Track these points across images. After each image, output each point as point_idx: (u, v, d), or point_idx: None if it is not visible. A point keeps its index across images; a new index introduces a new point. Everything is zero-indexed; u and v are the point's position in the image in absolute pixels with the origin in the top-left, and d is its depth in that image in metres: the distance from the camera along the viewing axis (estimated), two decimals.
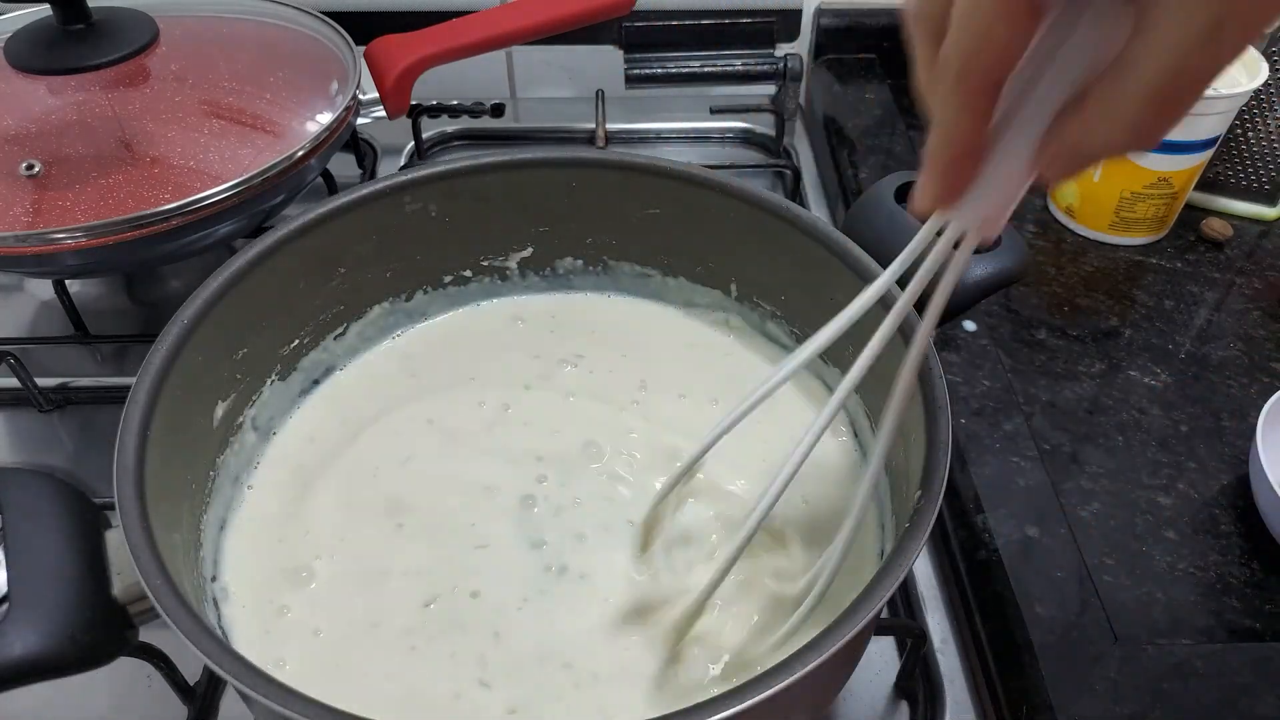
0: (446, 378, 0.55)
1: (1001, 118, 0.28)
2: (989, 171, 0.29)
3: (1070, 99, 0.27)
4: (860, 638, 0.34)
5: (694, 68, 0.91)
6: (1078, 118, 0.26)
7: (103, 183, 0.58)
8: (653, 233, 0.56)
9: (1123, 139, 0.25)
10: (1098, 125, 0.26)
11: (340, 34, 0.71)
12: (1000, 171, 0.29)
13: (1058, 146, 0.27)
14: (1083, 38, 0.26)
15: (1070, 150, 0.27)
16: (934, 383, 0.41)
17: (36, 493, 0.38)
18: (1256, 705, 0.45)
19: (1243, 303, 0.69)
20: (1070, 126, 0.27)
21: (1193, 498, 0.55)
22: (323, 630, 0.43)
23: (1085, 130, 0.26)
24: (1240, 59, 0.68)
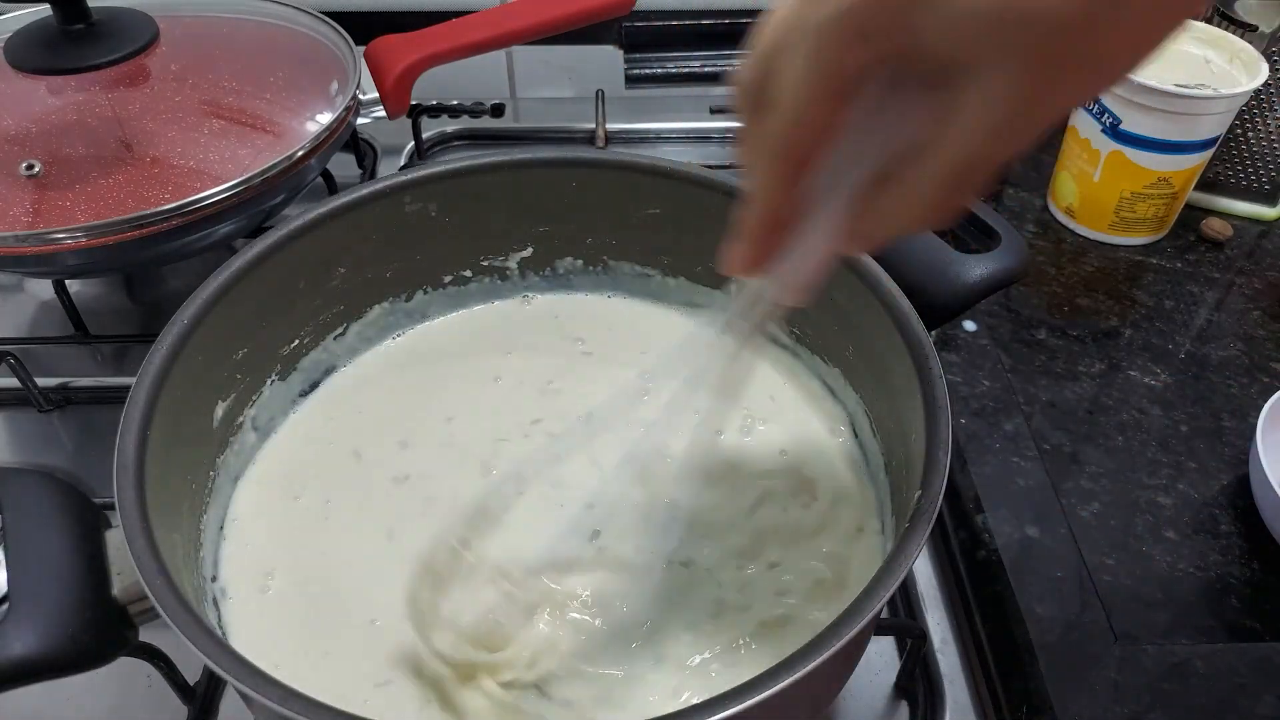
0: (446, 378, 0.55)
1: (811, 192, 0.30)
2: (796, 242, 0.31)
3: (874, 178, 0.29)
4: (860, 638, 0.34)
5: (694, 68, 0.91)
6: (881, 196, 0.29)
7: (103, 183, 0.58)
8: (653, 233, 0.56)
9: (920, 217, 0.28)
10: (898, 204, 0.28)
11: (340, 34, 0.71)
12: (806, 242, 0.31)
13: (860, 222, 0.30)
14: (888, 122, 0.28)
15: (872, 226, 0.30)
16: (934, 383, 0.41)
17: (36, 493, 0.38)
18: (1256, 705, 0.45)
19: (1243, 303, 0.69)
20: (873, 204, 0.29)
21: (1193, 498, 0.55)
22: (323, 630, 0.43)
23: (887, 208, 0.29)
24: (1240, 61, 0.68)
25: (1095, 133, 0.71)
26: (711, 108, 0.87)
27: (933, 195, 0.27)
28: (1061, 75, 0.25)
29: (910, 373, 0.42)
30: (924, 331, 0.42)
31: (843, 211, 0.30)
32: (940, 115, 0.26)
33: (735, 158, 0.31)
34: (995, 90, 0.25)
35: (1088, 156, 0.72)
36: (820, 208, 0.30)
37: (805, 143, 0.28)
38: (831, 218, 0.30)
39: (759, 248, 0.31)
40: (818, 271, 0.31)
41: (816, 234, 0.30)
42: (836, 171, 0.29)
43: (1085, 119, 0.71)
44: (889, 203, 0.28)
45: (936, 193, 0.27)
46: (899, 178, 0.28)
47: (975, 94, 0.25)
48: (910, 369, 0.42)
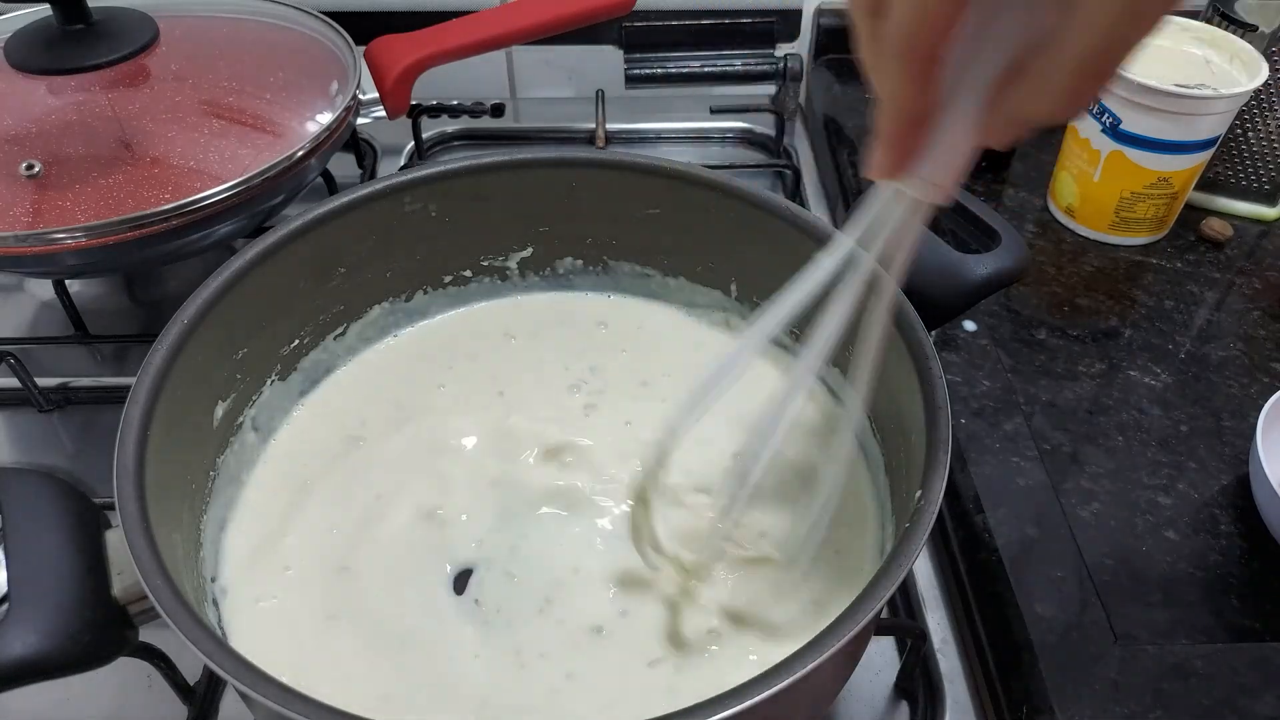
0: (447, 378, 0.55)
1: (945, 89, 0.29)
2: (936, 139, 0.31)
3: (1007, 70, 0.29)
4: (860, 638, 0.34)
5: (694, 68, 0.91)
6: (1016, 88, 0.28)
7: (103, 183, 0.58)
8: (653, 233, 0.56)
9: (1056, 107, 0.28)
10: (1033, 95, 0.28)
11: (340, 34, 0.71)
12: (946, 139, 0.31)
13: (998, 114, 0.30)
14: (1014, 12, 0.28)
15: (1010, 117, 0.29)
16: (934, 383, 0.41)
17: (36, 493, 0.38)
18: (1256, 705, 0.45)
19: (1243, 303, 0.69)
20: (1009, 96, 0.29)
21: (1193, 498, 0.55)
22: (324, 630, 0.43)
23: (1023, 99, 0.28)
24: (1240, 61, 0.68)
25: (1095, 133, 0.71)
26: (712, 108, 0.87)
27: (1066, 84, 0.27)
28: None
29: (910, 373, 0.42)
30: (924, 331, 0.42)
31: (978, 105, 0.30)
32: (1066, 5, 0.26)
33: (862, 63, 0.30)
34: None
35: (1088, 156, 0.72)
36: (955, 103, 0.30)
37: (931, 38, 0.28)
38: (968, 110, 0.30)
39: (899, 149, 0.31)
40: (961, 167, 0.31)
41: (955, 128, 0.30)
42: (966, 66, 0.29)
43: (1085, 119, 0.71)
44: (1023, 94, 0.28)
45: (1070, 81, 0.27)
46: (1030, 68, 0.28)
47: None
48: (910, 369, 0.42)
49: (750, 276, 0.55)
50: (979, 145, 0.31)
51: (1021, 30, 0.28)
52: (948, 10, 0.27)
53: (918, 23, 0.27)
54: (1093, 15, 0.25)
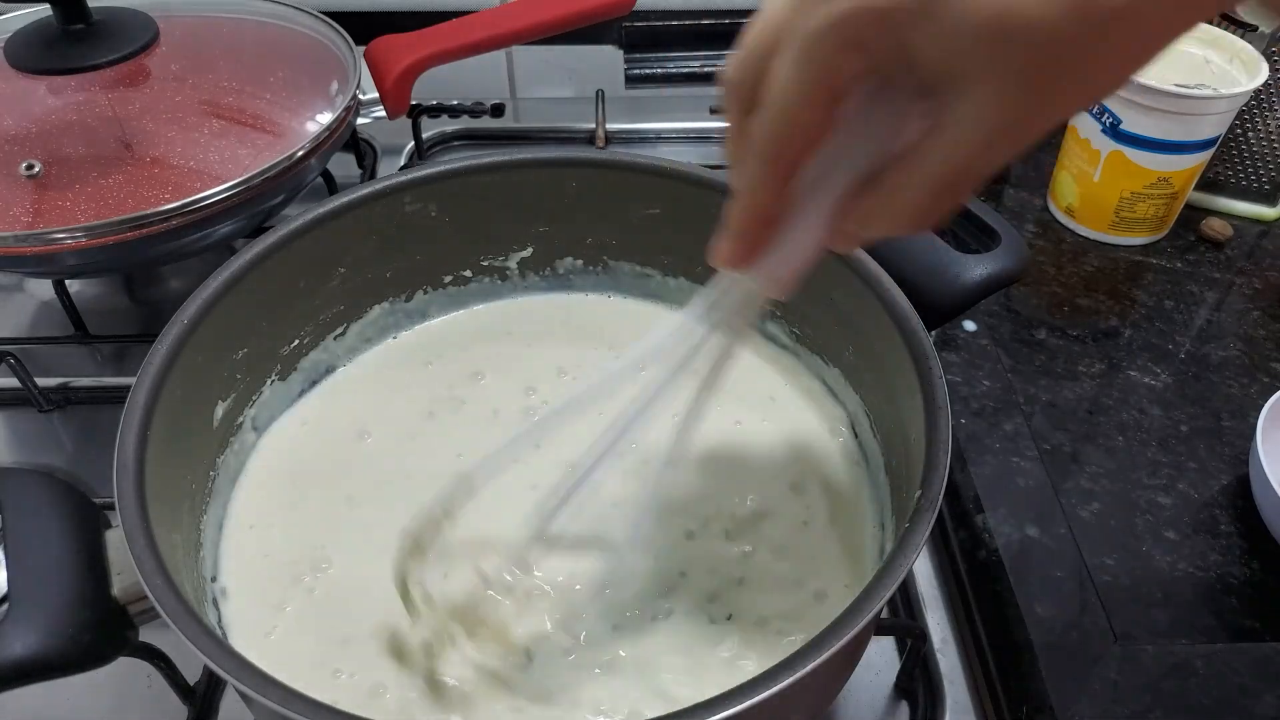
0: (446, 378, 0.55)
1: (801, 189, 0.30)
2: (783, 238, 0.31)
3: (862, 179, 0.29)
4: (860, 638, 0.34)
5: (694, 68, 0.91)
6: (868, 199, 0.29)
7: (103, 183, 0.58)
8: (653, 233, 0.56)
9: (905, 221, 0.29)
10: (884, 207, 0.29)
11: (340, 34, 0.71)
12: (793, 238, 0.31)
13: (846, 222, 0.30)
14: (877, 126, 0.29)
15: (858, 227, 0.30)
16: (934, 383, 0.41)
17: (36, 493, 0.38)
18: (1256, 705, 0.45)
19: (1243, 303, 0.69)
20: (860, 205, 0.29)
21: (1193, 498, 0.55)
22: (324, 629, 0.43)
23: (873, 210, 0.29)
24: (1240, 61, 0.68)
25: (1095, 133, 0.71)
26: (711, 108, 0.87)
27: (920, 201, 0.28)
28: (1053, 90, 0.25)
29: (910, 373, 0.42)
30: (924, 331, 0.42)
31: (830, 210, 0.30)
32: (930, 123, 0.26)
33: (725, 154, 0.31)
34: (986, 103, 0.25)
35: (1088, 156, 0.72)
36: (808, 205, 0.30)
37: (794, 145, 0.28)
38: (819, 216, 0.30)
39: (746, 243, 0.31)
40: (803, 267, 0.32)
41: (803, 231, 0.31)
42: (825, 171, 0.30)
43: (1085, 119, 0.71)
44: (876, 205, 0.29)
45: (924, 198, 0.28)
46: (887, 181, 0.28)
47: (965, 106, 0.25)
48: (910, 369, 0.42)
49: None
50: (823, 248, 0.31)
51: (882, 142, 0.29)
52: (815, 119, 0.27)
53: (785, 130, 0.28)
54: (957, 137, 0.26)
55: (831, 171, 0.30)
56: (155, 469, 0.38)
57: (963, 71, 0.25)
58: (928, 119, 0.27)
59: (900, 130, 0.28)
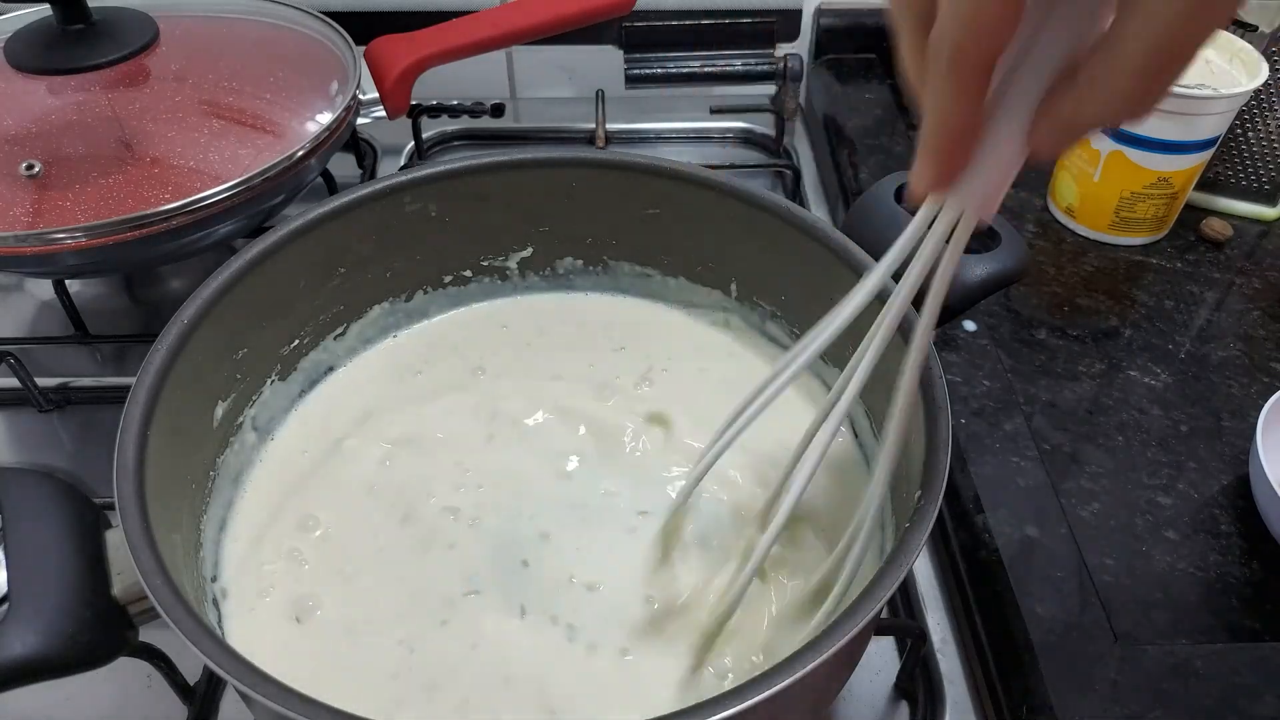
0: (447, 378, 0.55)
1: (993, 97, 0.28)
2: (983, 151, 0.29)
3: (1059, 74, 0.27)
4: (860, 638, 0.34)
5: (694, 68, 0.91)
6: (1070, 93, 0.27)
7: (103, 183, 0.58)
8: (653, 233, 0.56)
9: (1116, 111, 0.26)
10: (1090, 99, 0.26)
11: (340, 34, 0.71)
12: (995, 150, 0.29)
13: (1051, 122, 0.28)
14: (1068, 14, 0.26)
15: (1064, 124, 0.27)
16: (934, 383, 0.41)
17: (36, 493, 0.38)
18: (1256, 705, 0.45)
19: (1243, 303, 0.69)
20: (1063, 101, 0.27)
21: (1193, 498, 0.55)
22: (323, 629, 0.43)
23: (1078, 104, 0.26)
24: (1240, 61, 0.68)
25: (1095, 132, 0.70)
26: (712, 108, 0.87)
27: (1129, 85, 0.25)
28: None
29: None
30: None
31: (1029, 114, 0.28)
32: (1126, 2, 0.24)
33: (906, 75, 0.29)
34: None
35: (1088, 156, 0.72)
36: (1005, 112, 0.28)
37: (984, 46, 0.26)
38: (1019, 122, 0.28)
39: (948, 164, 0.29)
40: (1007, 181, 0.30)
41: (1005, 140, 0.29)
42: (1017, 74, 0.28)
43: None
44: (1082, 98, 0.26)
45: (1134, 81, 0.25)
46: (1089, 70, 0.26)
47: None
48: None
49: (750, 276, 0.55)
50: (1028, 157, 0.29)
51: (1077, 31, 0.26)
52: (1003, 19, 0.25)
53: (972, 33, 0.26)
54: (1157, 8, 0.24)
55: (1026, 72, 0.27)
56: (155, 469, 0.38)
57: None
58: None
59: (1089, 16, 0.26)
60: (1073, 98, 0.27)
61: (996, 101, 0.28)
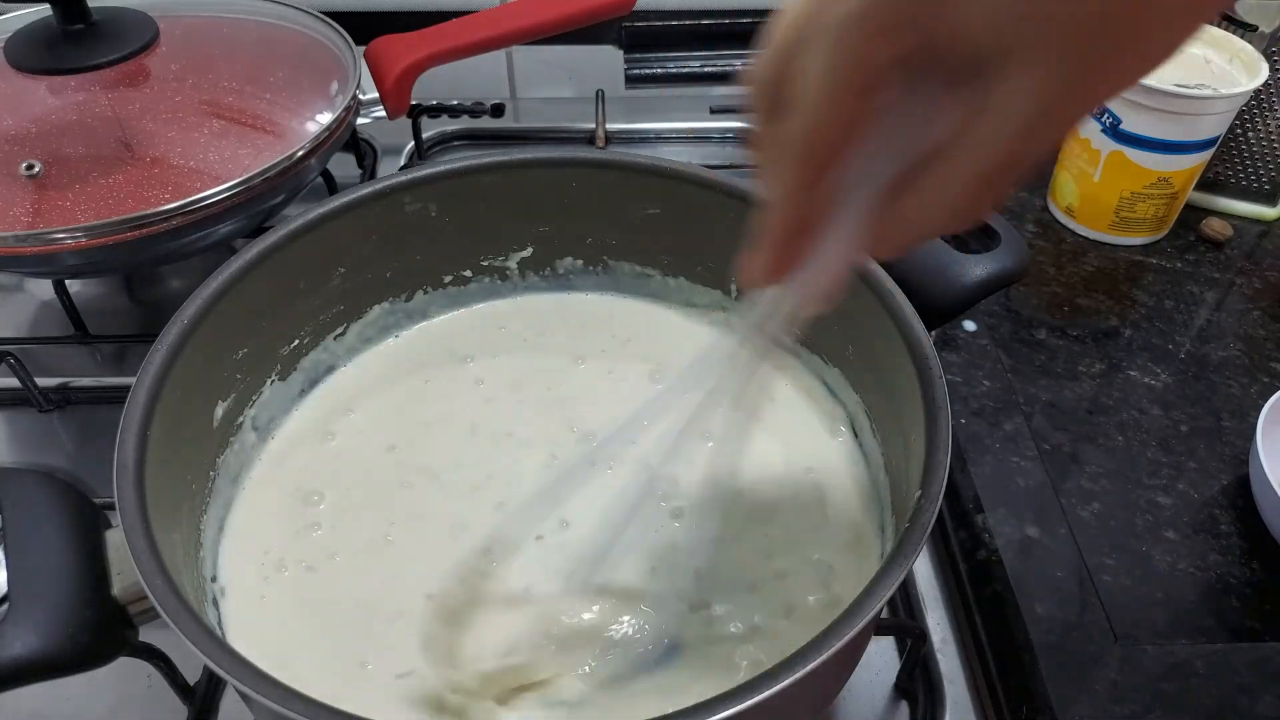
0: (447, 378, 0.55)
1: (832, 196, 0.28)
2: (817, 249, 0.29)
3: (896, 180, 0.28)
4: (860, 638, 0.34)
5: (694, 68, 0.91)
6: (907, 198, 0.27)
7: (103, 183, 0.58)
8: (653, 233, 0.56)
9: (949, 218, 0.27)
10: (925, 206, 0.27)
11: (340, 34, 0.71)
12: (830, 248, 0.29)
13: (885, 226, 0.28)
14: (912, 120, 0.27)
15: (898, 229, 0.28)
16: (934, 383, 0.41)
17: (36, 493, 0.38)
18: (1256, 705, 0.45)
19: (1243, 303, 0.69)
20: (899, 207, 0.28)
21: (1193, 498, 0.55)
22: (324, 629, 0.43)
23: (913, 211, 0.27)
24: (1240, 61, 0.68)
25: (1095, 133, 0.71)
26: (711, 108, 0.87)
27: (964, 195, 0.26)
28: (1104, 63, 0.23)
29: (910, 373, 0.42)
30: (924, 331, 0.42)
31: (865, 215, 0.28)
32: (969, 112, 0.25)
33: (751, 162, 0.29)
34: (1030, 82, 0.23)
35: (1088, 156, 0.72)
36: (842, 212, 0.29)
37: (827, 144, 0.26)
38: (854, 222, 0.29)
39: (780, 256, 0.30)
40: (840, 277, 0.30)
41: (839, 239, 0.29)
42: (859, 173, 0.28)
43: (1086, 119, 0.71)
44: (916, 205, 0.27)
45: (968, 192, 0.26)
46: (927, 177, 0.26)
47: (1008, 87, 0.24)
48: (910, 369, 0.42)
49: None
50: (863, 254, 0.29)
51: (918, 138, 0.27)
52: (848, 115, 0.26)
53: (817, 129, 0.26)
54: (1000, 123, 0.24)
55: (866, 172, 0.28)
56: (155, 469, 0.38)
57: (1007, 47, 0.23)
58: (965, 107, 0.25)
59: (935, 123, 0.26)
60: (911, 201, 0.27)
61: (837, 198, 0.29)
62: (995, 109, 0.24)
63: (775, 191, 0.28)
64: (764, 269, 0.30)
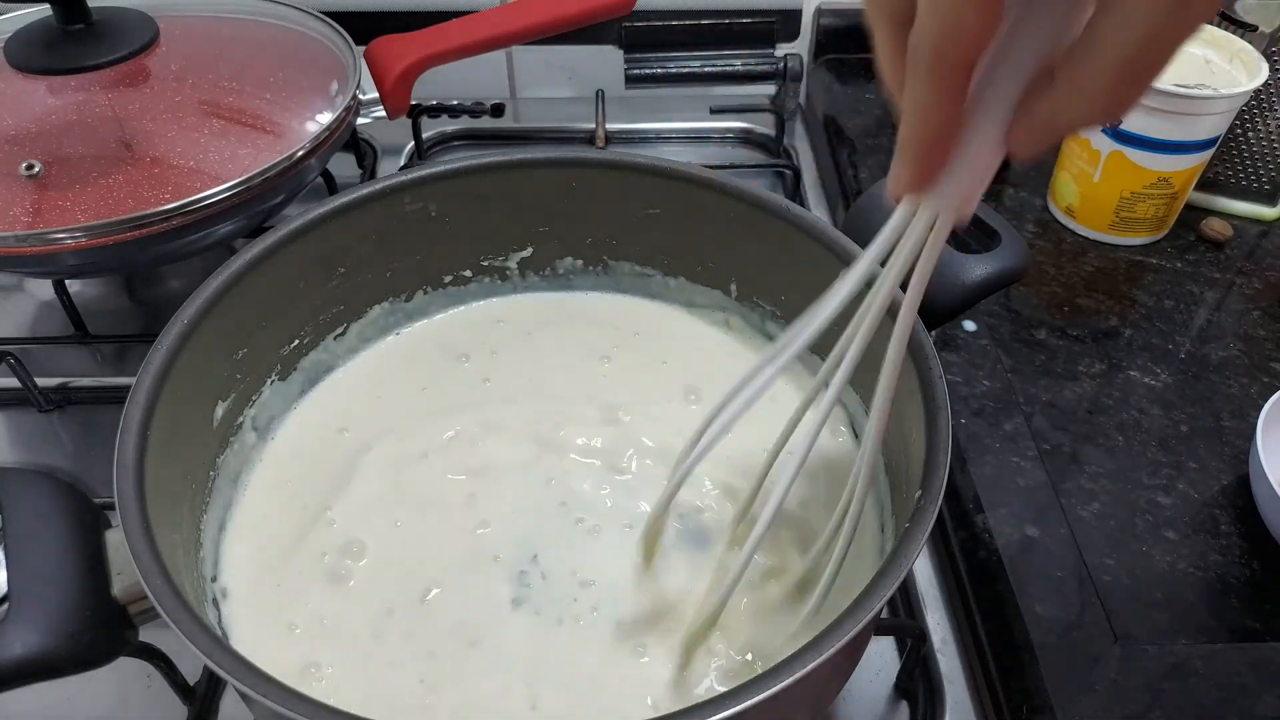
0: (446, 378, 0.55)
1: (971, 98, 0.28)
2: (961, 152, 0.29)
3: (1036, 75, 0.27)
4: (860, 638, 0.34)
5: (694, 68, 0.91)
6: (1048, 94, 0.26)
7: (103, 183, 0.58)
8: (653, 233, 0.56)
9: (1094, 112, 0.26)
10: (1069, 100, 0.26)
11: (340, 34, 0.71)
12: (972, 151, 0.29)
13: (1028, 122, 0.27)
14: (1045, 15, 0.26)
15: (1041, 126, 0.27)
16: (934, 383, 0.41)
17: (36, 493, 0.38)
18: (1256, 705, 0.45)
19: (1243, 303, 0.69)
20: (1041, 103, 0.27)
21: (1193, 498, 0.55)
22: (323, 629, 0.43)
23: (1056, 106, 0.26)
24: (1240, 61, 0.68)
25: (1095, 132, 0.71)
26: (711, 108, 0.87)
27: (1106, 89, 0.25)
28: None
29: (910, 373, 0.42)
30: (924, 331, 0.43)
31: (1007, 114, 0.28)
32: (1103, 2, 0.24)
33: (881, 76, 0.28)
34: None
35: (1088, 156, 0.72)
36: (983, 113, 0.28)
37: (962, 47, 0.26)
38: (997, 122, 0.28)
39: (926, 165, 0.29)
40: (985, 181, 0.30)
41: (983, 141, 0.28)
42: (996, 76, 0.27)
43: None
44: (1060, 100, 0.26)
45: (1110, 86, 0.25)
46: (1069, 70, 0.26)
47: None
48: (910, 369, 0.42)
49: (750, 276, 0.55)
50: (1006, 157, 0.29)
51: (1054, 32, 0.26)
52: (982, 21, 0.25)
53: (951, 33, 0.25)
54: (1134, 9, 0.23)
55: (1004, 72, 0.27)
56: (155, 469, 0.38)
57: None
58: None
59: (1069, 16, 0.26)
60: (1050, 99, 0.26)
61: (974, 103, 0.28)
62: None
63: (914, 102, 0.28)
64: (912, 178, 0.30)
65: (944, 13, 0.25)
